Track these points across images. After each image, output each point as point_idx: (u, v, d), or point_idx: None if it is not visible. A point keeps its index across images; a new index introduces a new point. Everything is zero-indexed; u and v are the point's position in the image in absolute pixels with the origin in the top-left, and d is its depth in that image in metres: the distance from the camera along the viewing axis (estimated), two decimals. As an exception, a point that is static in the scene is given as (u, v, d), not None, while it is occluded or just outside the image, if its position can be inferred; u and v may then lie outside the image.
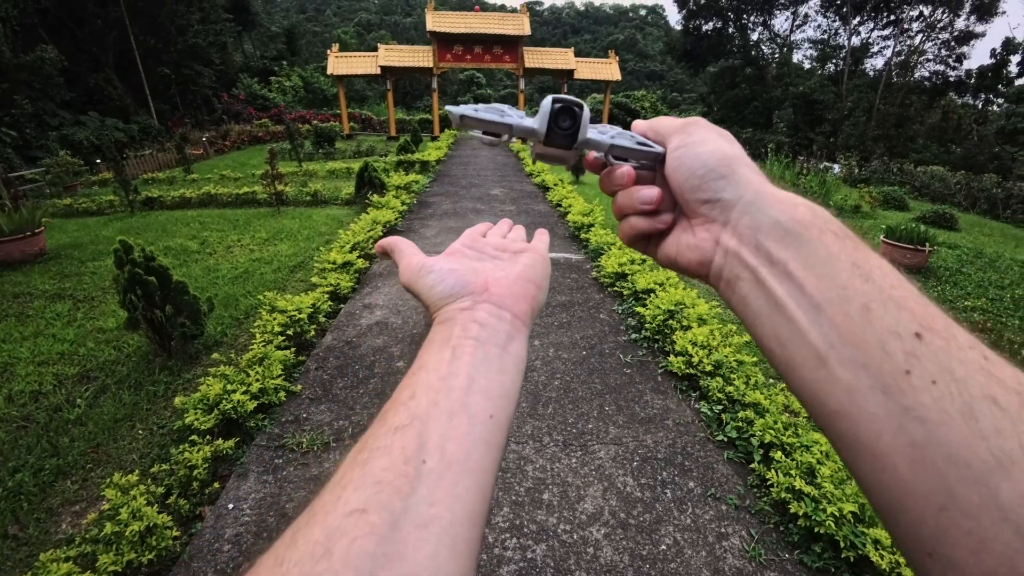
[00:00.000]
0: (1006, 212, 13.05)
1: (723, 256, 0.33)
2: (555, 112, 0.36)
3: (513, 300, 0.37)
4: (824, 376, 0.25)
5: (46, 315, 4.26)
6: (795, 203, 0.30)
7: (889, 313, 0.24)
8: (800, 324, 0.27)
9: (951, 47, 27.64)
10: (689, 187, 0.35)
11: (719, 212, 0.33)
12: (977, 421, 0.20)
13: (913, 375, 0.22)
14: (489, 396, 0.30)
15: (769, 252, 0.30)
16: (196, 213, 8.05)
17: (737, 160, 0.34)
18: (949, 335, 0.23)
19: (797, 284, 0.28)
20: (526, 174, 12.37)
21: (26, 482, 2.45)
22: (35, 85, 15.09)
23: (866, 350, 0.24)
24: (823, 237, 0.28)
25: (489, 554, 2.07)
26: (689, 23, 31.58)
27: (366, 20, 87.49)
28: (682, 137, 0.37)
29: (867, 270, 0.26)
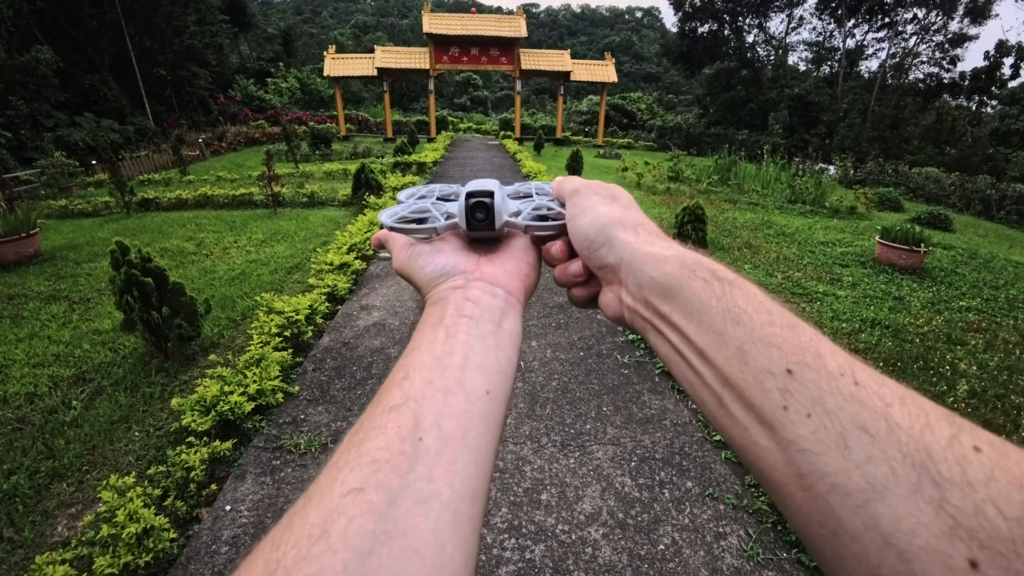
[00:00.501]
0: (1000, 213, 13.13)
1: (628, 312, 0.34)
2: (470, 207, 0.38)
3: (506, 278, 0.37)
4: (724, 414, 0.27)
5: (41, 317, 4.24)
6: (665, 256, 0.32)
7: (762, 352, 0.25)
8: (697, 368, 0.29)
9: (945, 49, 27.83)
10: (583, 256, 0.37)
11: (611, 274, 0.35)
12: (850, 450, 0.21)
13: (790, 410, 0.23)
14: (485, 373, 0.30)
15: (655, 306, 0.31)
16: (192, 214, 8.03)
17: (614, 225, 0.36)
18: (819, 366, 0.24)
19: (682, 333, 0.30)
20: (523, 175, 12.37)
21: (21, 484, 2.44)
22: (30, 86, 15.01)
23: (747, 389, 0.25)
24: (693, 284, 0.30)
25: (488, 554, 2.07)
26: (685, 25, 31.67)
27: (362, 22, 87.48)
28: (570, 208, 0.39)
29: (736, 313, 0.27)
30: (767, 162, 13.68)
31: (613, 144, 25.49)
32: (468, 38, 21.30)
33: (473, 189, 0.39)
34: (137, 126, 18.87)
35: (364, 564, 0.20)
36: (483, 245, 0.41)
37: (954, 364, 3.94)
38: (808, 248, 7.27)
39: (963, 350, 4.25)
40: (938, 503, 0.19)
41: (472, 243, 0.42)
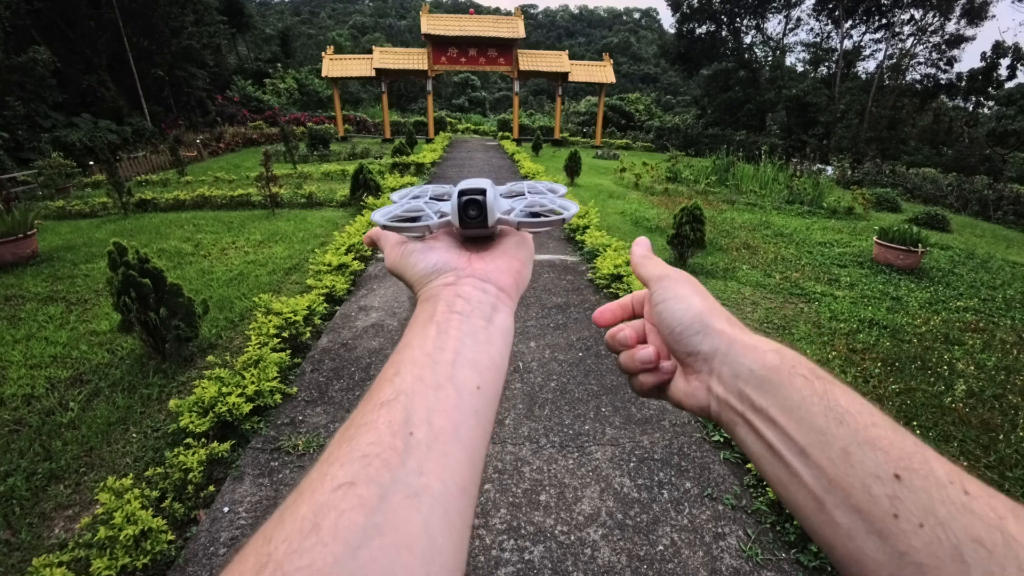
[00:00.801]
0: (997, 213, 13.17)
1: (717, 403, 0.34)
2: (463, 205, 0.39)
3: (497, 274, 0.37)
4: (826, 520, 0.26)
5: (38, 318, 4.23)
6: (764, 349, 0.32)
7: (867, 456, 0.25)
8: (794, 468, 0.28)
9: (942, 50, 27.90)
10: (672, 342, 0.37)
11: (702, 363, 0.35)
12: (968, 565, 0.21)
13: (901, 519, 0.23)
14: (476, 368, 0.30)
15: (751, 399, 0.31)
16: (190, 215, 8.01)
17: (709, 314, 0.36)
18: (927, 471, 0.24)
19: (781, 429, 0.29)
20: (521, 176, 12.37)
21: (18, 486, 2.43)
22: (27, 87, 14.96)
23: (854, 494, 0.25)
24: (793, 381, 0.29)
25: (487, 555, 2.07)
26: (683, 26, 31.70)
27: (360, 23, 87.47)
28: (658, 292, 0.39)
29: (839, 412, 0.27)
30: (765, 163, 13.70)
31: (611, 145, 25.50)
32: (466, 39, 21.30)
33: (466, 187, 0.39)
34: (135, 127, 18.83)
35: (355, 557, 0.20)
36: (475, 243, 0.41)
37: (952, 364, 3.95)
38: (806, 248, 7.28)
39: (961, 350, 4.26)
40: None
41: (465, 241, 0.42)
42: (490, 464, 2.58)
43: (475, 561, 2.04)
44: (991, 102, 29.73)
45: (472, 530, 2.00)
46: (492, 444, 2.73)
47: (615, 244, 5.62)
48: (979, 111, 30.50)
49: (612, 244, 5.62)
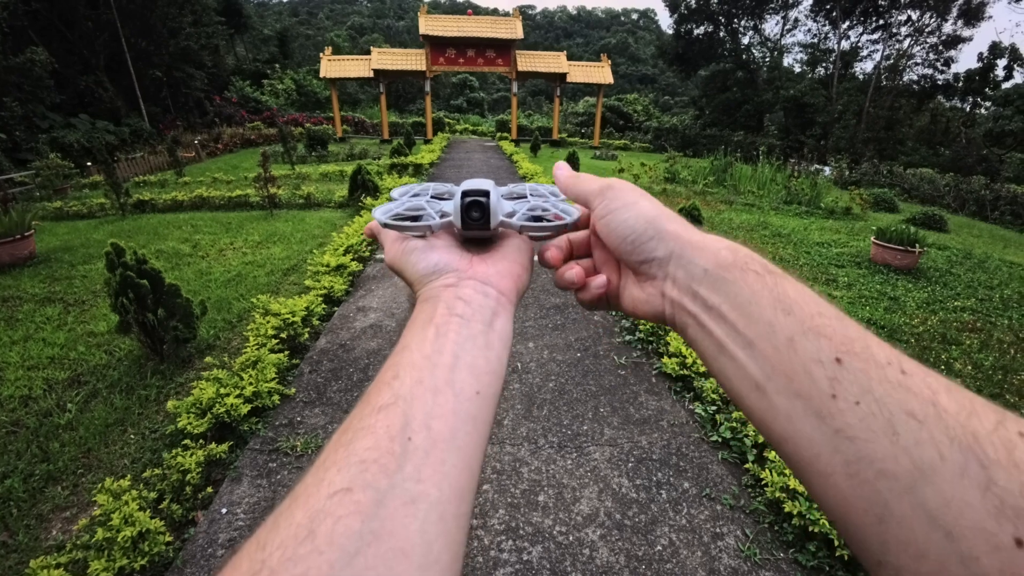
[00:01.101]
0: (994, 213, 13.21)
1: (671, 306, 0.34)
2: (465, 207, 0.38)
3: (498, 277, 0.37)
4: (766, 405, 0.27)
5: (36, 319, 4.22)
6: (717, 248, 0.33)
7: (810, 343, 0.26)
8: (740, 360, 0.29)
9: (939, 51, 27.99)
10: (624, 251, 0.37)
11: (657, 268, 0.35)
12: (898, 435, 0.22)
13: (839, 398, 0.24)
14: (475, 373, 0.30)
15: (704, 299, 0.32)
16: (188, 216, 8.00)
17: (660, 218, 0.36)
18: (867, 356, 0.25)
19: (731, 325, 0.30)
20: (519, 177, 12.38)
21: (15, 488, 2.42)
22: (24, 87, 14.94)
23: (795, 379, 0.26)
24: (745, 277, 0.30)
25: (485, 556, 2.07)
26: (680, 27, 31.77)
27: (359, 23, 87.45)
28: (604, 204, 0.38)
29: (787, 304, 0.28)
30: (763, 163, 13.72)
31: (609, 145, 25.53)
32: (464, 40, 21.32)
33: (468, 188, 0.39)
34: (132, 127, 18.80)
35: (350, 564, 0.20)
36: (476, 245, 0.41)
37: (949, 364, 3.96)
38: (804, 249, 7.29)
39: (958, 350, 4.27)
40: (985, 485, 0.19)
41: (465, 243, 0.42)
42: (488, 465, 2.58)
43: (473, 562, 2.04)
44: (988, 103, 29.83)
45: (470, 531, 1.99)
46: (491, 445, 2.73)
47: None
48: (976, 112, 30.60)
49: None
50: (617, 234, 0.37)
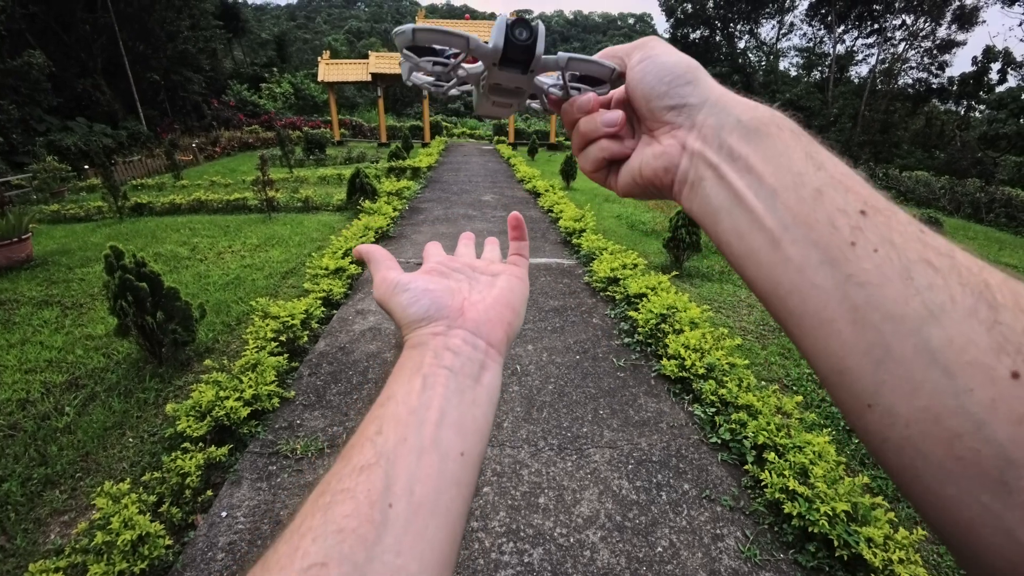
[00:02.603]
0: (989, 216, 13.29)
1: (688, 159, 0.33)
2: (511, 24, 0.35)
3: (489, 327, 0.36)
4: (778, 258, 0.27)
5: (33, 322, 4.20)
6: (755, 104, 0.32)
7: (839, 194, 0.26)
8: (757, 212, 0.28)
9: (933, 55, 28.20)
10: (656, 94, 0.35)
11: (685, 117, 0.34)
12: (912, 280, 0.22)
13: (857, 246, 0.24)
14: (461, 431, 0.29)
15: (731, 149, 0.31)
16: (186, 219, 7.99)
17: (699, 69, 0.35)
18: (890, 212, 0.25)
19: (756, 175, 0.29)
20: (517, 180, 12.41)
21: (13, 492, 2.41)
22: (22, 90, 14.92)
23: (816, 228, 0.26)
24: (781, 134, 0.30)
25: (486, 558, 2.06)
26: (677, 31, 31.96)
27: (356, 28, 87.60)
28: (644, 51, 0.37)
29: (820, 160, 0.28)
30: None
31: (607, 149, 25.58)
32: (462, 43, 21.36)
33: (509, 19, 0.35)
34: (130, 131, 18.78)
35: None
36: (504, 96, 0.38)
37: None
38: (801, 251, 7.31)
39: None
40: (991, 323, 0.20)
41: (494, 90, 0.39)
42: (489, 467, 2.58)
43: (475, 564, 2.04)
44: (982, 106, 30.03)
45: (471, 533, 1.99)
46: (491, 447, 2.73)
47: (611, 247, 5.64)
48: (971, 115, 30.79)
49: (608, 247, 5.64)
50: (655, 74, 0.35)
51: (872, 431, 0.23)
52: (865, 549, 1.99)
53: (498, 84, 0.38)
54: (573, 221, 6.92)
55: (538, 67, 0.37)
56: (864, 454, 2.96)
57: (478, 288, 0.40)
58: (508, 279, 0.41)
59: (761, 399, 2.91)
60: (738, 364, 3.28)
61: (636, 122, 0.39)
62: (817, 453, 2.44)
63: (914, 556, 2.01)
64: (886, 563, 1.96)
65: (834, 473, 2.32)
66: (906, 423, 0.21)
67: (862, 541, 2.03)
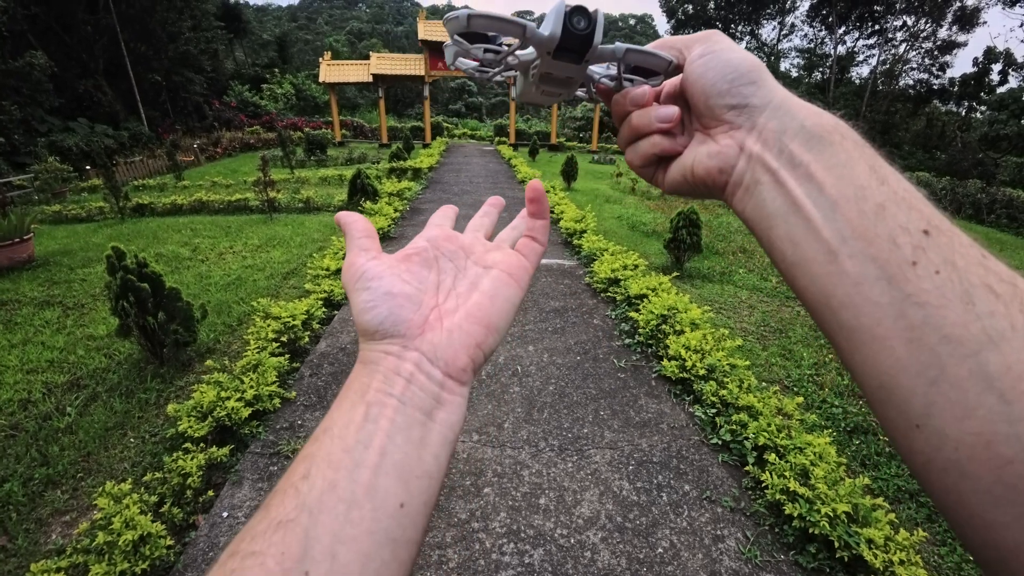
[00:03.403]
0: (990, 217, 13.28)
1: (746, 161, 0.33)
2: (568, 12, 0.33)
3: (452, 352, 0.30)
4: (834, 270, 0.27)
5: (35, 322, 4.21)
6: (820, 111, 0.31)
7: (901, 211, 0.26)
8: (815, 222, 0.28)
9: (934, 56, 28.21)
10: (716, 92, 0.34)
11: (745, 118, 0.33)
12: (974, 305, 0.22)
13: (919, 266, 0.24)
14: (403, 477, 0.25)
15: (792, 154, 0.30)
16: (187, 220, 8.00)
17: (763, 68, 0.34)
18: (952, 233, 0.25)
19: (817, 184, 0.28)
20: (518, 181, 12.41)
21: (15, 492, 2.42)
22: (24, 91, 14.96)
23: (876, 243, 0.25)
24: (844, 143, 0.29)
25: (487, 559, 2.07)
26: (677, 32, 31.98)
27: (357, 29, 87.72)
28: (707, 45, 0.36)
29: (883, 174, 0.28)
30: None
31: (607, 150, 25.60)
32: (463, 44, 21.36)
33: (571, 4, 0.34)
34: (132, 131, 18.82)
35: None
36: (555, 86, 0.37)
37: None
38: (802, 252, 7.31)
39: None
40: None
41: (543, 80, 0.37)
42: (490, 468, 2.59)
43: (475, 565, 2.04)
44: (983, 107, 30.02)
45: (472, 534, 1.98)
46: (491, 448, 2.73)
47: (612, 248, 5.65)
48: (972, 116, 30.78)
49: (609, 248, 5.64)
50: (717, 71, 0.34)
51: (917, 451, 0.23)
52: (866, 550, 1.99)
53: (549, 73, 0.36)
54: (574, 222, 6.93)
55: (593, 57, 0.35)
56: (865, 455, 2.95)
57: (458, 290, 0.34)
58: (494, 281, 0.35)
59: (762, 400, 2.91)
60: (739, 365, 3.28)
61: (688, 118, 0.38)
62: (818, 454, 2.44)
63: (915, 557, 2.01)
64: (887, 564, 1.96)
65: (835, 474, 2.32)
66: (955, 446, 0.21)
67: (863, 542, 2.03)
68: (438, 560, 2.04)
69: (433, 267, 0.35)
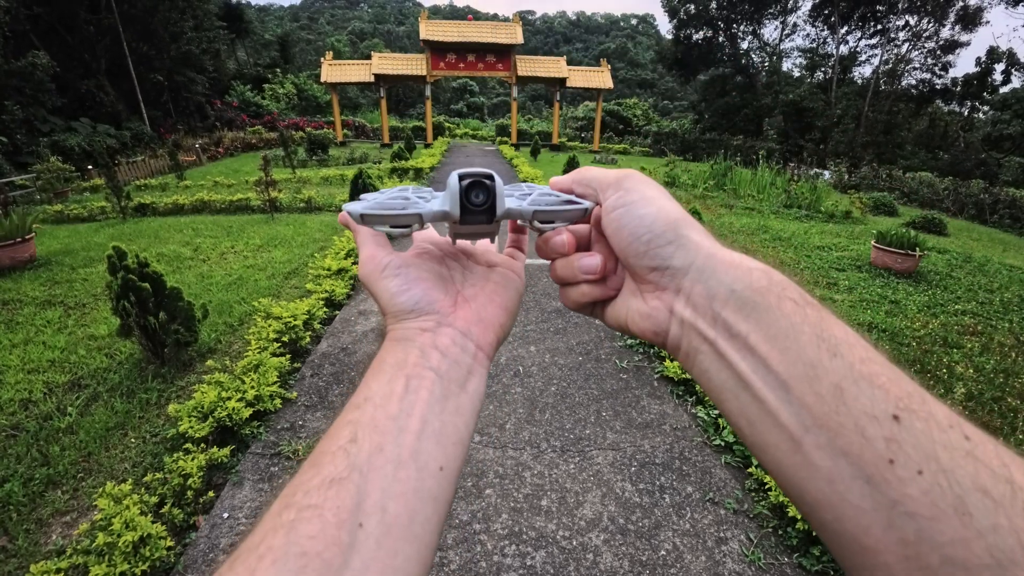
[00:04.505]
0: (993, 217, 13.23)
1: (679, 327, 0.30)
2: (464, 189, 0.32)
3: (481, 329, 0.33)
4: (800, 462, 0.23)
5: (36, 322, 4.21)
6: (749, 267, 0.28)
7: (863, 393, 0.22)
8: (769, 404, 0.24)
9: (937, 56, 28.11)
10: (633, 252, 0.31)
11: (669, 279, 0.30)
12: (971, 516, 0.19)
13: (897, 464, 0.20)
14: (442, 443, 0.27)
15: (727, 323, 0.27)
16: (189, 219, 8.00)
17: (683, 222, 0.31)
18: (927, 414, 0.21)
19: (761, 359, 0.25)
20: (519, 180, 12.40)
21: (15, 492, 2.41)
22: (26, 91, 14.98)
23: (843, 435, 0.22)
24: (782, 305, 0.26)
25: (488, 561, 2.05)
26: (680, 32, 31.91)
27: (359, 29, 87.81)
28: (619, 195, 0.33)
29: (833, 344, 0.24)
30: (762, 167, 13.75)
31: (609, 150, 25.60)
32: (464, 45, 21.40)
33: (467, 172, 0.33)
34: (133, 131, 18.84)
35: None
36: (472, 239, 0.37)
37: (951, 367, 3.96)
38: (804, 252, 7.30)
39: (959, 353, 4.26)
40: None
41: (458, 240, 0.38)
42: (491, 469, 2.57)
43: (477, 567, 2.03)
44: (986, 107, 29.95)
45: (473, 536, 1.97)
46: (493, 449, 2.72)
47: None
48: (974, 116, 30.72)
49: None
50: (630, 230, 0.31)
51: None
52: (870, 553, 1.98)
53: (461, 233, 0.37)
54: (575, 222, 6.91)
55: (503, 218, 0.34)
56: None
57: (472, 280, 0.37)
58: (503, 274, 0.38)
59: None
60: (741, 366, 3.26)
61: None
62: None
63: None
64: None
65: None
66: None
67: (867, 545, 2.01)
68: (439, 562, 2.03)
69: (443, 263, 0.38)
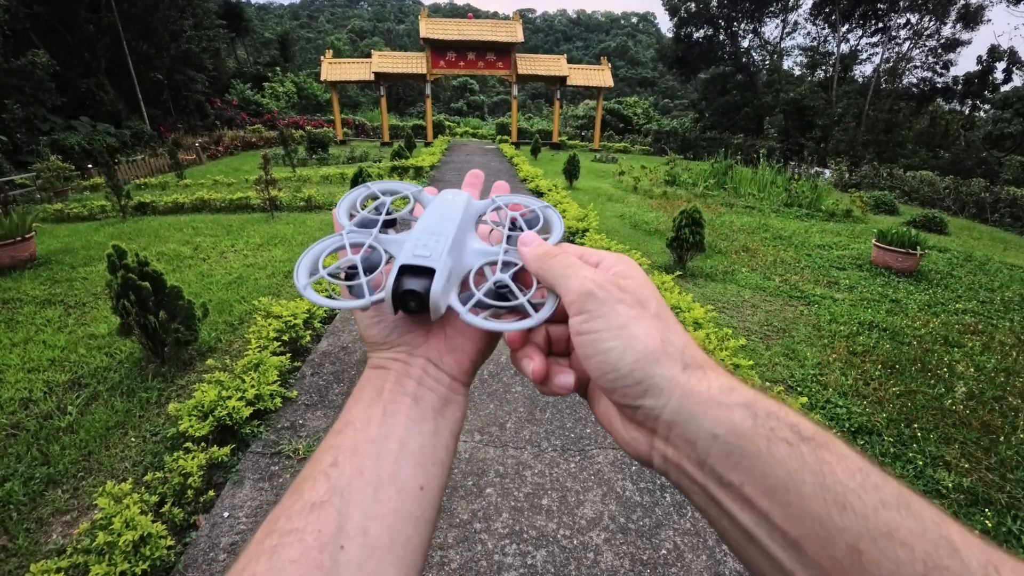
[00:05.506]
0: (994, 216, 13.21)
1: (663, 461, 0.27)
2: (399, 296, 0.30)
3: (455, 358, 0.33)
4: None
5: (36, 321, 4.20)
6: (730, 405, 0.25)
7: (885, 554, 0.20)
8: (782, 562, 0.22)
9: (938, 54, 28.06)
10: (603, 386, 0.28)
11: (643, 418, 0.27)
12: None
13: None
14: (422, 463, 0.27)
15: (717, 473, 0.24)
16: (189, 218, 8.00)
17: (655, 356, 0.27)
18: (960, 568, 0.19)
19: (762, 514, 0.23)
20: (520, 179, 12.40)
21: (15, 491, 2.41)
22: (26, 90, 14.97)
23: None
24: (774, 450, 0.23)
25: (489, 560, 2.05)
26: (680, 30, 31.86)
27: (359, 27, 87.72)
28: (582, 318, 0.29)
29: (839, 492, 0.21)
30: (763, 166, 13.73)
31: (609, 148, 25.57)
32: (465, 43, 21.37)
33: (408, 261, 0.31)
34: (133, 130, 18.83)
35: None
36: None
37: (951, 366, 3.95)
38: (805, 251, 7.29)
39: (960, 352, 4.26)
40: None
41: None
42: (492, 468, 2.57)
43: (478, 566, 2.02)
44: (987, 105, 29.91)
45: (474, 535, 1.97)
46: (494, 448, 2.72)
47: (614, 247, 5.62)
48: (975, 114, 30.67)
49: (612, 247, 5.62)
50: (594, 364, 0.28)
51: None
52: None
53: None
54: (576, 220, 6.91)
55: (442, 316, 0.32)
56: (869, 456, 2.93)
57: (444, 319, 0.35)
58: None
59: (766, 400, 2.89)
60: (742, 365, 3.26)
61: None
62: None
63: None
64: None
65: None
66: None
67: (869, 544, 2.01)
68: (440, 561, 2.03)
69: None
